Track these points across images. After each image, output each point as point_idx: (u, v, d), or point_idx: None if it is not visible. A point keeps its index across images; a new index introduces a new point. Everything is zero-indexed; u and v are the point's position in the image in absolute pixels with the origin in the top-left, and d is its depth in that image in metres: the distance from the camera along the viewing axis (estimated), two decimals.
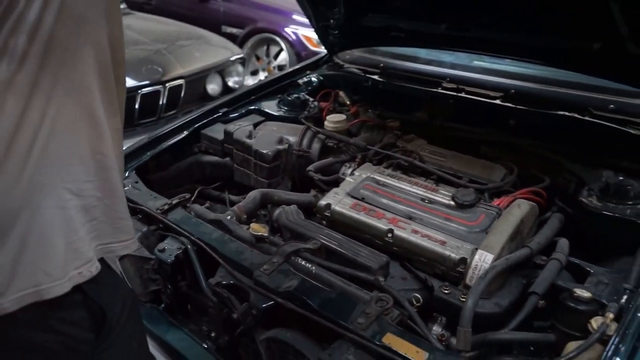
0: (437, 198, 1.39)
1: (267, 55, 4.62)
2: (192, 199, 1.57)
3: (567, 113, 1.60)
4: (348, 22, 1.99)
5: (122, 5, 4.01)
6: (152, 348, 1.26)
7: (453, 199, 1.35)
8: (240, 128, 1.71)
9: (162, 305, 1.36)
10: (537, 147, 1.61)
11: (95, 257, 0.89)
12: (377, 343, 0.97)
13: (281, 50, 4.46)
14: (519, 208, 1.27)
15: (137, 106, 2.79)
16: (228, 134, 1.71)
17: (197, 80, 3.13)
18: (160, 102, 2.90)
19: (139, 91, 2.78)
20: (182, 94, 3.01)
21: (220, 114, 1.89)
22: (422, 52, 2.04)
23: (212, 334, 1.24)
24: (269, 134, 1.69)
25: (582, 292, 1.05)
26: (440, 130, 1.79)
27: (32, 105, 0.77)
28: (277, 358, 1.15)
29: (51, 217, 0.82)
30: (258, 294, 1.13)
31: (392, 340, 0.98)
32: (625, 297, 1.03)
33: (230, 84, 3.41)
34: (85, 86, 0.84)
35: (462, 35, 1.71)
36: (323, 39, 2.18)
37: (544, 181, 1.47)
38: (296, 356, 1.11)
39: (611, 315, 0.98)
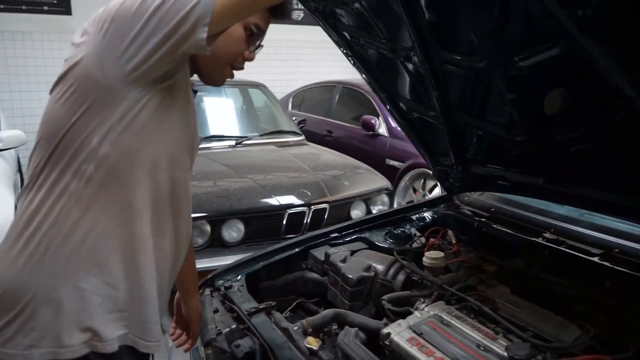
0: (492, 346, 1.38)
1: (423, 188, 4.85)
2: (290, 308, 1.82)
3: None
4: (459, 169, 2.15)
5: (300, 137, 4.71)
6: None
7: (506, 350, 1.34)
8: (338, 252, 1.93)
9: None
10: (633, 312, 1.49)
11: (116, 340, 1.04)
12: None
13: (436, 185, 4.65)
14: None
15: (284, 222, 3.21)
16: (327, 256, 1.94)
17: (341, 205, 3.48)
18: (305, 221, 3.28)
19: (287, 210, 3.21)
20: (325, 216, 3.36)
21: (330, 237, 2.14)
22: (534, 201, 2.06)
23: None
24: (360, 261, 1.86)
25: None
26: (535, 281, 1.76)
27: (88, 215, 0.99)
28: None
29: (74, 298, 1.00)
30: None
31: None
32: None
33: (374, 211, 3.68)
34: (136, 208, 1.03)
35: (560, 189, 1.73)
36: (441, 181, 2.34)
37: (628, 351, 1.35)
38: None
39: None
